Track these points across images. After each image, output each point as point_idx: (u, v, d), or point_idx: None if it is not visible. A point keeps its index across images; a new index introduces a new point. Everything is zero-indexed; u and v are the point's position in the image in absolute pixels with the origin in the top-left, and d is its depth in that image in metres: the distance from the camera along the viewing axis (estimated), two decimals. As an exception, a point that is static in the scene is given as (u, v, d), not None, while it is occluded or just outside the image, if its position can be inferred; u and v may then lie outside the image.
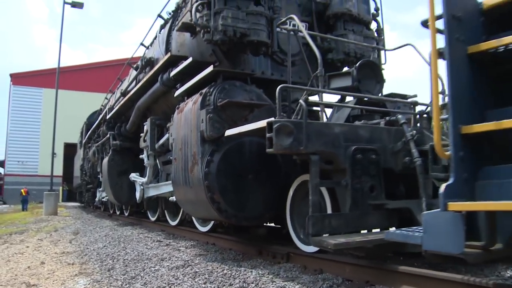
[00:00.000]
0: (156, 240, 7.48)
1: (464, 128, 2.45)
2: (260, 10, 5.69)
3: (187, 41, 6.69)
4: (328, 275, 4.01)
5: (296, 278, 4.07)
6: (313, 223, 3.73)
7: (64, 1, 21.54)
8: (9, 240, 8.67)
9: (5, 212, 22.87)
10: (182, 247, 6.54)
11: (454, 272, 3.72)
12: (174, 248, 6.50)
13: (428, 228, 2.59)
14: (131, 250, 6.46)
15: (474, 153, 2.53)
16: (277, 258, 4.96)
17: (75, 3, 21.99)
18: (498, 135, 2.53)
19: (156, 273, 4.62)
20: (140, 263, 5.31)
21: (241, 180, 5.14)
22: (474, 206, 2.38)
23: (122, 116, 11.25)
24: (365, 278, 3.67)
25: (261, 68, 6.27)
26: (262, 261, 5.02)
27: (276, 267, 4.61)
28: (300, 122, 3.77)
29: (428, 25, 2.64)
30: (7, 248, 7.42)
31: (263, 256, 5.22)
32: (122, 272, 4.77)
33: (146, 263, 5.25)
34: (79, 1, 22.08)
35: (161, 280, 4.23)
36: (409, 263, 3.86)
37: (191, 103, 5.54)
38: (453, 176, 2.43)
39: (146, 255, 5.84)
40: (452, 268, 3.98)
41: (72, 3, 21.89)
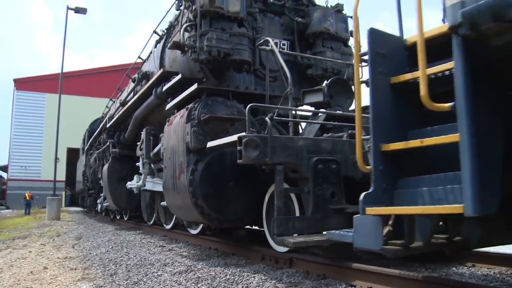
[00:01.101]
0: (158, 245, 7.64)
1: (383, 146, 3.06)
2: (243, 32, 6.34)
3: (179, 57, 7.34)
4: (331, 280, 4.18)
5: (299, 283, 4.21)
6: (278, 225, 4.36)
7: (67, 7, 22.08)
8: (12, 245, 8.89)
9: (8, 217, 23.22)
10: (185, 252, 6.71)
11: (405, 269, 4.33)
12: (177, 253, 6.66)
13: (357, 229, 3.20)
14: (133, 255, 6.56)
15: (393, 167, 3.13)
16: (279, 263, 5.08)
17: (78, 8, 22.60)
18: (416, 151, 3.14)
19: (158, 278, 4.72)
20: (142, 268, 5.40)
21: (222, 187, 5.77)
22: (384, 211, 2.99)
23: (121, 125, 11.97)
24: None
25: (245, 84, 6.91)
26: (265, 266, 5.14)
27: (279, 272, 4.73)
28: (266, 137, 4.42)
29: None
30: (10, 253, 7.62)
31: (265, 261, 5.34)
32: (124, 278, 4.87)
33: (148, 268, 5.33)
34: (82, 7, 22.77)
35: (163, 286, 4.34)
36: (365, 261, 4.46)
37: (178, 117, 6.20)
38: (372, 186, 3.04)
39: (149, 260, 5.94)
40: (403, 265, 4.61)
41: (76, 9, 22.48)
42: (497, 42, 2.34)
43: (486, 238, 3.75)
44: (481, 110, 2.50)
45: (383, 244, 3.22)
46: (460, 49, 2.42)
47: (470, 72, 2.43)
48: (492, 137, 2.59)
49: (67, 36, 22.59)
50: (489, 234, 3.78)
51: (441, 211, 2.63)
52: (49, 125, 34.62)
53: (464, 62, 2.42)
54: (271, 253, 5.32)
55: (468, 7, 2.29)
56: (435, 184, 2.84)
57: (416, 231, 3.41)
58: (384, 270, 3.92)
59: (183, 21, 6.76)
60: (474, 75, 2.47)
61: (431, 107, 2.57)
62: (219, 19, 6.26)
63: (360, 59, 3.30)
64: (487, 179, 2.46)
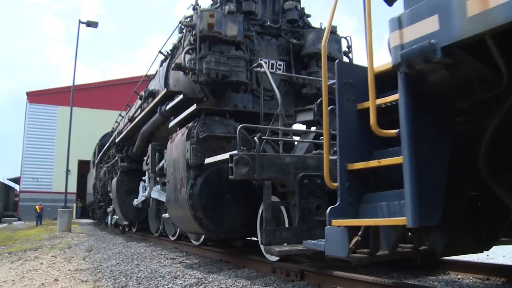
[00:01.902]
0: (169, 258, 7.72)
1: (349, 165, 3.54)
2: (240, 54, 6.88)
3: (182, 77, 7.89)
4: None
5: (311, 296, 4.29)
6: (266, 235, 4.86)
7: (79, 21, 22.83)
8: (23, 257, 9.04)
9: (20, 228, 23.59)
10: (196, 265, 6.78)
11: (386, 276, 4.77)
12: (187, 265, 6.73)
13: (327, 238, 3.66)
14: (144, 267, 6.63)
15: (359, 183, 3.60)
16: (290, 276, 5.11)
17: (90, 22, 23.25)
18: (382, 169, 3.61)
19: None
20: (153, 280, 5.46)
21: (219, 200, 6.27)
22: (345, 223, 3.44)
23: (129, 140, 12.58)
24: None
25: (243, 103, 7.44)
26: (276, 279, 5.18)
27: (290, 285, 4.78)
28: (254, 155, 4.92)
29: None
30: (21, 265, 7.77)
31: (276, 274, 5.37)
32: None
33: (159, 281, 5.40)
34: (94, 20, 23.41)
35: (174, 298, 4.40)
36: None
37: (180, 134, 6.73)
38: (339, 201, 3.50)
39: (159, 273, 6.01)
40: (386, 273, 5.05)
41: (87, 23, 23.14)
42: (432, 78, 2.82)
43: (451, 247, 4.21)
44: (423, 135, 2.97)
45: (352, 252, 3.69)
46: (403, 83, 2.90)
47: (412, 103, 2.90)
48: (435, 158, 3.05)
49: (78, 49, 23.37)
50: (455, 244, 4.24)
51: (387, 223, 3.10)
52: (60, 137, 35.65)
53: (406, 95, 2.89)
54: (282, 266, 5.39)
55: (405, 50, 2.78)
56: (392, 199, 3.30)
57: (382, 240, 3.87)
58: (357, 276, 4.37)
59: (184, 44, 7.35)
60: (418, 104, 2.95)
61: (379, 133, 3.06)
62: (217, 43, 6.81)
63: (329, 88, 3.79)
64: (427, 195, 2.92)
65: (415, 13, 2.79)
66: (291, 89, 7.77)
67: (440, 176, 3.08)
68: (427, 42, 2.62)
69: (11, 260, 8.57)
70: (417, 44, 2.69)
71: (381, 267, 5.40)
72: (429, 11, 2.69)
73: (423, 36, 2.69)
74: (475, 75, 2.85)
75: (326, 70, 3.89)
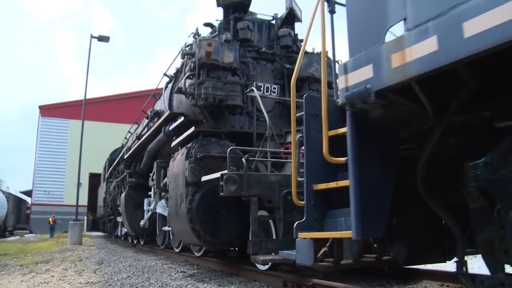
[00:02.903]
0: (180, 271, 7.94)
1: (314, 186, 4.23)
2: (236, 80, 7.63)
3: (184, 100, 8.64)
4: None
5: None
6: (253, 246, 5.55)
7: (91, 36, 23.42)
8: (35, 269, 9.25)
9: (32, 241, 24.11)
10: (206, 278, 6.95)
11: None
12: (198, 279, 6.89)
13: (298, 249, 4.34)
14: (155, 280, 6.81)
15: (324, 201, 4.28)
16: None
17: (101, 37, 23.83)
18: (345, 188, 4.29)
19: (179, 304, 5.02)
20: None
21: (216, 214, 6.98)
22: (308, 235, 4.11)
23: (137, 156, 13.43)
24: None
25: (240, 124, 8.17)
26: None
27: None
28: (242, 174, 5.64)
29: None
30: (33, 277, 7.97)
31: (287, 287, 5.56)
32: (145, 303, 5.17)
33: None
34: (105, 35, 24.03)
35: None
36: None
37: (180, 154, 7.49)
38: (305, 216, 4.18)
39: (170, 286, 6.18)
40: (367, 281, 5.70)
41: (99, 37, 23.69)
42: (373, 115, 3.51)
43: (413, 257, 4.87)
44: (369, 161, 3.65)
45: (319, 261, 4.38)
46: (349, 119, 3.60)
47: (357, 135, 3.59)
48: (380, 181, 3.73)
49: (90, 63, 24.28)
50: (417, 254, 4.89)
51: (337, 235, 3.80)
52: (72, 150, 36.46)
53: (352, 128, 3.58)
54: (293, 279, 5.59)
55: (349, 92, 3.48)
56: (348, 215, 3.98)
57: (347, 251, 4.55)
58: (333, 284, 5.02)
59: (186, 70, 8.12)
60: (364, 136, 3.64)
61: (330, 160, 3.76)
62: (215, 69, 7.56)
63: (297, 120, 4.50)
64: (371, 213, 3.59)
65: (356, 62, 3.50)
66: (285, 111, 8.48)
67: (385, 196, 3.75)
68: (364, 87, 3.33)
69: (22, 273, 8.83)
70: (357, 88, 3.41)
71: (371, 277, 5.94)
72: (366, 61, 3.40)
73: (361, 81, 3.40)
74: (409, 111, 3.54)
75: (295, 104, 4.61)
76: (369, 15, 3.54)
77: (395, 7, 3.24)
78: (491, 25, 2.46)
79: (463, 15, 2.64)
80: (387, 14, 3.32)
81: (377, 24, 3.39)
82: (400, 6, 3.18)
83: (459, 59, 2.68)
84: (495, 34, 2.43)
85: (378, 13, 3.40)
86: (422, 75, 2.94)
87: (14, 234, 37.32)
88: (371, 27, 3.47)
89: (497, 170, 3.04)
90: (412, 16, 3.07)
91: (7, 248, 18.07)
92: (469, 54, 2.60)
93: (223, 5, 8.31)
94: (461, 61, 2.70)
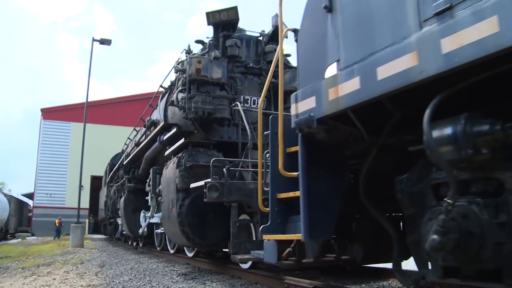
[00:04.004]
0: (181, 274, 8.23)
1: (278, 194, 5.08)
2: (223, 94, 8.53)
3: (177, 112, 9.53)
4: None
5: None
6: (233, 246, 6.41)
7: (93, 39, 24.09)
8: (36, 272, 9.49)
9: (33, 244, 24.62)
10: (208, 281, 7.21)
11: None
12: (200, 282, 7.13)
13: (265, 249, 5.18)
14: (156, 283, 6.99)
15: (287, 208, 5.13)
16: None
17: (103, 40, 24.31)
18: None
19: (181, 307, 5.38)
20: None
21: (203, 218, 7.87)
22: (271, 237, 4.97)
23: (136, 162, 14.41)
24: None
25: (228, 134, 9.05)
26: None
27: None
28: (223, 182, 6.53)
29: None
30: (34, 280, 8.13)
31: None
32: (147, 306, 5.51)
33: None
34: (107, 38, 24.52)
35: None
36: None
37: (172, 163, 8.40)
38: (270, 221, 5.03)
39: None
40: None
41: (101, 40, 24.34)
42: (318, 137, 4.36)
43: (369, 257, 5.72)
44: (319, 174, 4.50)
45: (284, 259, 5.24)
46: (300, 140, 4.44)
47: (307, 153, 4.43)
48: (329, 191, 4.57)
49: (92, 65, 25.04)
50: (373, 254, 5.73)
51: (291, 237, 4.65)
52: (73, 153, 37.19)
53: (302, 148, 4.41)
54: (295, 281, 5.97)
55: (298, 118, 4.34)
56: (304, 219, 4.85)
57: (308, 251, 5.40)
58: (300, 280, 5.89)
59: (178, 84, 9.04)
60: (314, 154, 4.49)
61: (285, 174, 4.63)
62: (204, 84, 8.47)
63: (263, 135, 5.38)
64: (318, 219, 4.40)
65: (304, 93, 4.36)
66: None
67: (334, 205, 4.58)
68: (308, 115, 4.18)
69: (24, 275, 9.05)
70: (304, 115, 4.26)
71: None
72: (311, 93, 4.24)
73: (307, 109, 4.25)
74: (350, 134, 4.39)
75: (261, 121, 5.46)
76: (314, 54, 4.40)
77: (332, 50, 4.09)
78: (394, 72, 3.26)
79: (377, 61, 3.42)
80: (326, 55, 4.17)
81: (319, 62, 4.25)
82: (335, 50, 4.03)
83: (374, 97, 3.50)
84: (398, 79, 3.21)
85: (320, 53, 4.25)
86: (351, 107, 3.77)
87: (16, 236, 38.28)
88: (315, 64, 4.33)
89: (414, 185, 3.88)
90: (343, 58, 3.91)
91: (9, 251, 18.49)
92: (381, 93, 3.41)
93: (213, 23, 9.20)
94: (375, 98, 3.52)
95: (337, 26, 4.04)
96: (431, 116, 3.07)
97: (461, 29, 2.70)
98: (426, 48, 2.96)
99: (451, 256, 3.10)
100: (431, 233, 3.09)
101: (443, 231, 3.02)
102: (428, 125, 3.04)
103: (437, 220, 3.11)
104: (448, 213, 3.03)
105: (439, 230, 3.03)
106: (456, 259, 3.11)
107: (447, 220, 3.03)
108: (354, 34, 3.81)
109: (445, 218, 3.04)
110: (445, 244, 3.00)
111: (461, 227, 3.03)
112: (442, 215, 3.06)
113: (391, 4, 3.42)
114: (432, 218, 3.33)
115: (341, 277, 6.74)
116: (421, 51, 3.01)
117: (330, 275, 6.79)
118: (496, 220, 3.00)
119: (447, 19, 2.84)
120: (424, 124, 3.05)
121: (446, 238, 3.00)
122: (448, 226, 3.02)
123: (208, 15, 9.13)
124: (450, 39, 2.77)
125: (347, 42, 3.89)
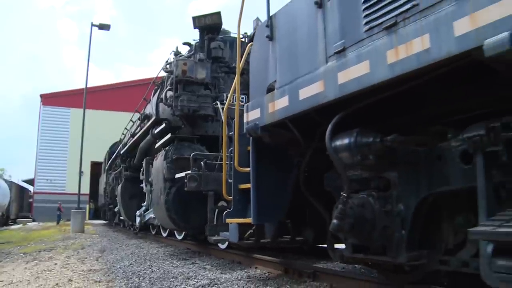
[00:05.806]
0: (182, 258, 8.63)
1: (240, 185, 6.45)
2: (207, 93, 9.92)
3: (167, 108, 10.91)
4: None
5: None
6: (209, 229, 7.83)
7: (91, 24, 25.08)
8: (38, 257, 9.83)
9: (34, 229, 25.33)
10: (208, 265, 7.51)
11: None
12: (200, 266, 7.44)
13: (229, 231, 6.56)
14: (157, 268, 7.27)
15: (246, 196, 6.46)
16: (303, 277, 5.77)
17: (102, 25, 25.62)
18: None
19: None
20: (166, 281, 6.02)
21: (188, 205, 9.28)
22: (232, 221, 6.32)
23: (132, 151, 15.91)
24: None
25: (212, 129, 10.44)
26: (288, 280, 5.79)
27: (302, 285, 5.31)
28: (201, 174, 7.95)
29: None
30: (36, 265, 8.39)
31: (289, 274, 6.14)
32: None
33: (171, 282, 5.97)
34: (106, 23, 25.68)
35: (187, 299, 5.12)
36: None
37: (160, 155, 9.84)
38: (232, 207, 6.34)
39: (172, 273, 6.63)
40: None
41: (100, 26, 25.47)
42: (265, 140, 5.65)
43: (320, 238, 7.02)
44: (268, 170, 5.83)
45: (246, 239, 6.62)
46: (251, 142, 5.71)
47: (257, 152, 5.70)
48: (276, 183, 5.88)
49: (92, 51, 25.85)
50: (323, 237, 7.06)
51: (245, 221, 6.03)
52: (73, 139, 38.17)
53: (253, 148, 5.65)
54: (294, 266, 6.29)
55: (248, 125, 5.60)
56: (259, 206, 6.24)
57: (266, 232, 6.78)
58: (272, 259, 7.29)
59: (167, 83, 10.43)
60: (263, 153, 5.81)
61: (239, 170, 6.02)
62: (190, 84, 9.85)
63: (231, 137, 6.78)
64: (267, 207, 5.63)
65: (252, 104, 5.65)
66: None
67: (281, 194, 5.82)
68: (254, 123, 5.48)
69: (26, 261, 9.39)
70: (251, 123, 5.56)
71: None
72: (257, 105, 5.49)
73: (254, 119, 5.51)
74: (290, 138, 5.72)
75: (226, 122, 6.83)
76: (260, 73, 5.67)
77: (272, 71, 5.31)
78: (309, 94, 4.49)
79: (299, 85, 4.56)
80: (268, 75, 5.43)
81: (263, 80, 5.54)
82: (274, 71, 5.27)
83: (297, 112, 4.71)
84: (311, 100, 4.37)
85: (264, 73, 5.54)
86: (284, 119, 5.05)
87: (17, 222, 39.51)
88: (260, 82, 5.62)
89: (336, 180, 5.14)
90: (278, 79, 5.09)
91: (10, 236, 19.33)
92: (301, 110, 4.57)
93: (198, 27, 10.58)
94: (300, 113, 4.68)
95: (275, 53, 5.23)
96: (332, 130, 4.20)
97: (349, 66, 3.82)
98: (329, 78, 4.10)
99: (349, 235, 4.33)
100: (333, 218, 4.19)
101: (341, 217, 4.10)
102: (329, 138, 4.17)
103: (337, 208, 4.22)
104: (345, 203, 4.15)
105: (338, 216, 4.12)
106: (354, 238, 4.28)
107: (344, 209, 4.13)
108: (286, 61, 4.99)
109: (342, 207, 4.14)
110: (343, 227, 4.10)
111: (355, 214, 4.17)
112: (340, 205, 4.18)
113: (309, 40, 4.59)
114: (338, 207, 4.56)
115: (300, 256, 8.11)
116: (326, 80, 4.17)
117: (291, 254, 8.02)
118: (384, 209, 4.18)
119: (342, 58, 3.99)
120: (326, 137, 4.18)
121: (343, 222, 4.10)
122: (345, 213, 4.12)
123: (194, 19, 10.50)
124: (343, 74, 3.91)
125: (282, 66, 5.07)
